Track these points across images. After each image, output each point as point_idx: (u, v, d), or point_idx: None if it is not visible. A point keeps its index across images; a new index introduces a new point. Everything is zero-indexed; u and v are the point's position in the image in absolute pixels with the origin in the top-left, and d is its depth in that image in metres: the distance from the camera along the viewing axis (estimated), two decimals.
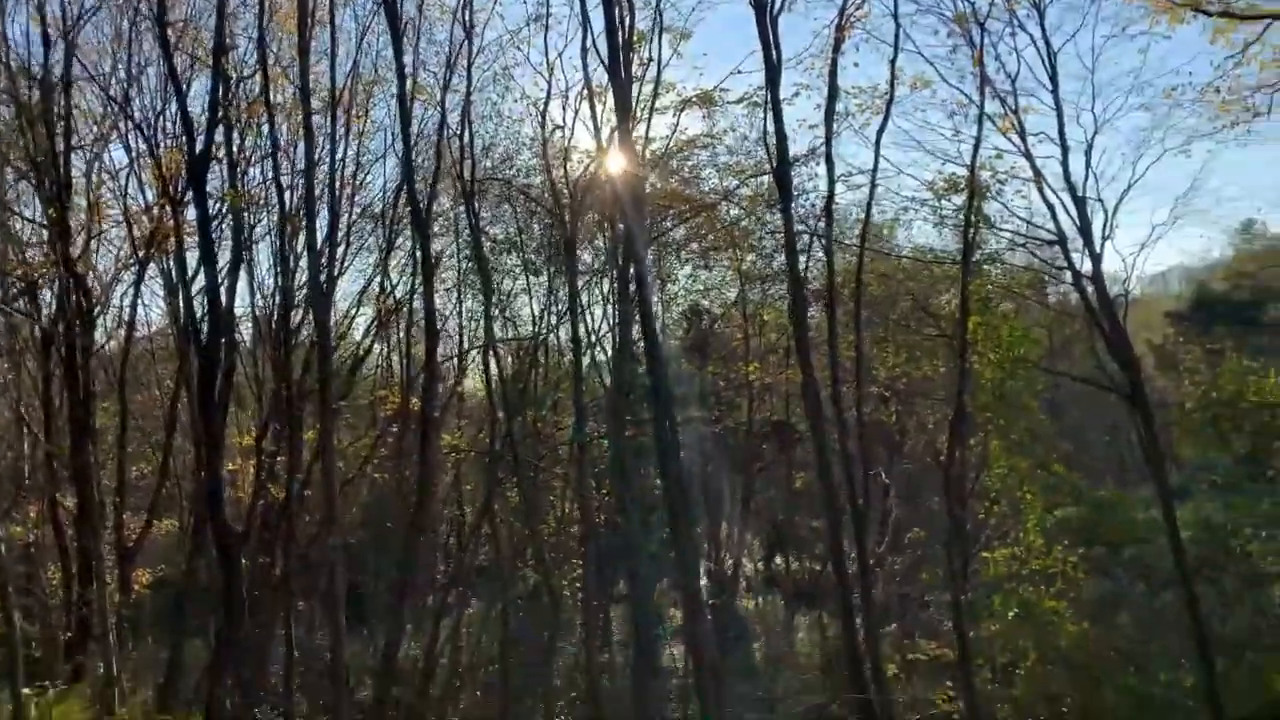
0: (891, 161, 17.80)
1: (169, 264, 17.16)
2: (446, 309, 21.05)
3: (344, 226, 16.84)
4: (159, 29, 13.51)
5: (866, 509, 13.67)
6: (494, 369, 16.91)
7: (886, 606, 17.34)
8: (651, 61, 16.60)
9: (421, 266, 13.92)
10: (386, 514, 21.59)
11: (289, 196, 15.64)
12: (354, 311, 20.60)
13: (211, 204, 14.56)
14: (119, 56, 16.13)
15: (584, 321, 19.42)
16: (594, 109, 15.95)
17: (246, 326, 19.22)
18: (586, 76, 15.66)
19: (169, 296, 17.59)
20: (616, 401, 16.10)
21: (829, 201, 15.06)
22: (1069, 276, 18.02)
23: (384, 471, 19.85)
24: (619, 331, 16.71)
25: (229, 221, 15.73)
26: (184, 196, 14.95)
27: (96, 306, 15.93)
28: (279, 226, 15.62)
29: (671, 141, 19.29)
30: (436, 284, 16.10)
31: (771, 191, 18.71)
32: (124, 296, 17.83)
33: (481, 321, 22.78)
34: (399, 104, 14.52)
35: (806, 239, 17.57)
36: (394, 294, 19.47)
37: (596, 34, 14.72)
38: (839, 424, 14.64)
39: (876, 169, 14.81)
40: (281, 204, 15.43)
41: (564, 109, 21.56)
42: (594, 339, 20.80)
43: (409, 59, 15.19)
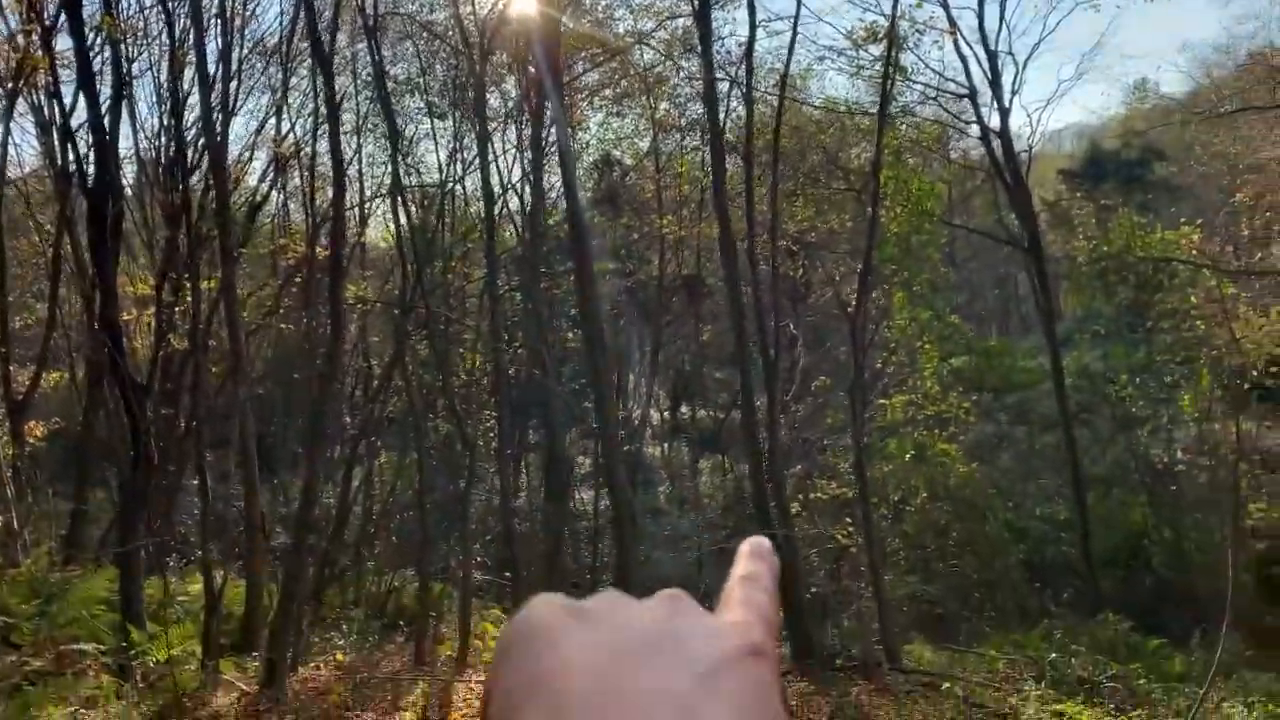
0: (811, 9, 17.48)
1: (40, 99, 15.84)
2: (346, 155, 20.12)
3: (235, 61, 15.74)
4: None
5: (776, 359, 14.04)
6: (402, 218, 16.37)
7: (790, 450, 18.12)
8: None
9: (326, 104, 13.13)
10: (292, 365, 21.20)
11: (175, 27, 14.47)
12: (248, 156, 19.53)
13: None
14: None
15: (495, 170, 18.88)
16: None
17: (130, 169, 18.06)
18: None
19: (42, 135, 16.31)
20: (532, 252, 15.88)
21: (749, 47, 14.71)
22: (976, 131, 18.37)
23: (289, 323, 19.36)
24: (533, 178, 16.29)
25: (106, 56, 14.47)
26: (56, 24, 13.62)
27: None
28: (169, 56, 14.49)
29: None
30: None
31: (688, 36, 18.21)
32: None
33: (384, 168, 21.97)
34: None
35: (724, 87, 17.25)
36: (294, 136, 18.48)
37: None
38: (752, 277, 14.83)
39: (798, 15, 14.49)
40: (172, 32, 14.28)
41: None
42: (506, 187, 20.31)
43: None
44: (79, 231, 14.64)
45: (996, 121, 16.76)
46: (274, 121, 18.98)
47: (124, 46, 14.85)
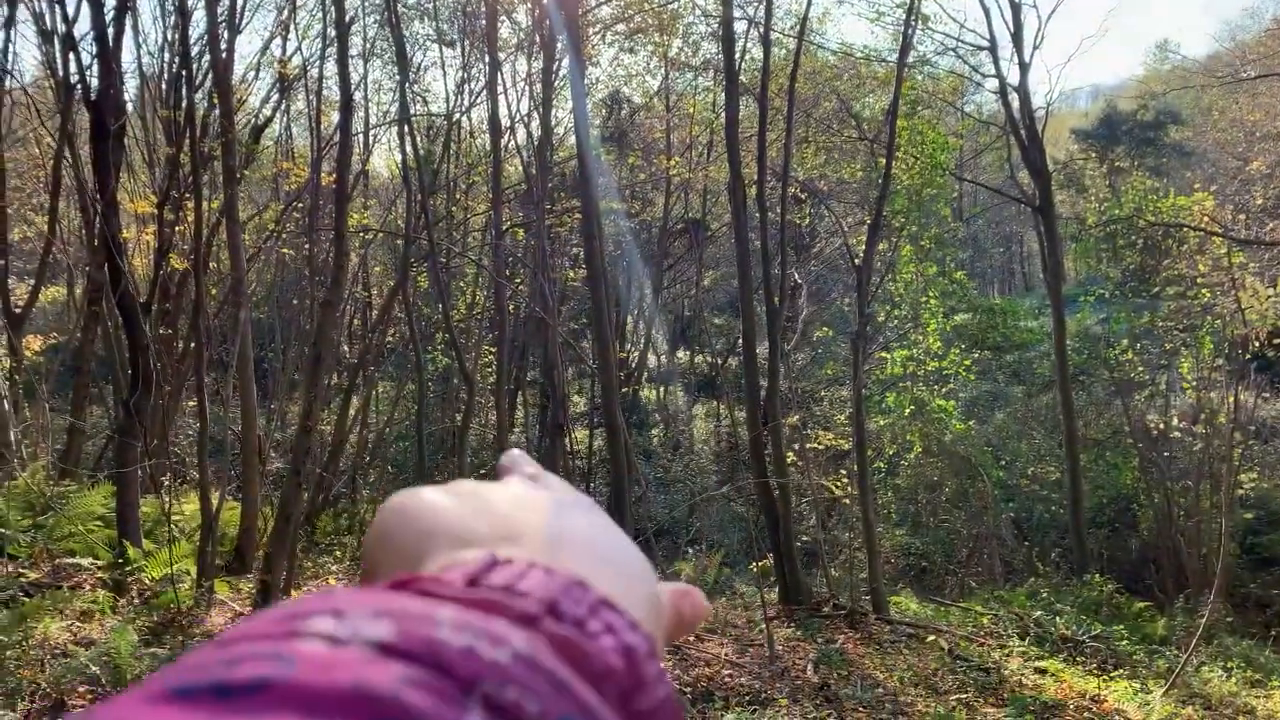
0: None
1: (41, 6, 15.45)
2: (353, 80, 19.76)
3: None
4: None
5: (781, 307, 13.97)
6: (408, 147, 16.11)
7: (789, 399, 18.14)
8: None
9: (336, 25, 12.80)
10: (292, 290, 21.10)
11: None
12: (253, 77, 19.19)
13: None
14: None
15: (504, 102, 18.58)
16: None
17: (133, 85, 17.74)
18: None
19: (44, 44, 15.94)
20: (539, 186, 15.69)
21: None
22: (993, 85, 18.05)
23: (290, 247, 19.20)
24: (541, 111, 16.01)
25: None
26: None
27: None
28: None
29: None
30: None
31: None
32: None
33: (390, 95, 21.62)
34: None
35: (741, 27, 16.88)
36: (301, 56, 18.11)
37: None
38: (760, 223, 14.67)
39: None
40: None
41: None
42: (513, 120, 20.00)
43: None
44: (80, 144, 14.41)
45: (1015, 76, 16.44)
46: (279, 42, 18.61)
47: None
